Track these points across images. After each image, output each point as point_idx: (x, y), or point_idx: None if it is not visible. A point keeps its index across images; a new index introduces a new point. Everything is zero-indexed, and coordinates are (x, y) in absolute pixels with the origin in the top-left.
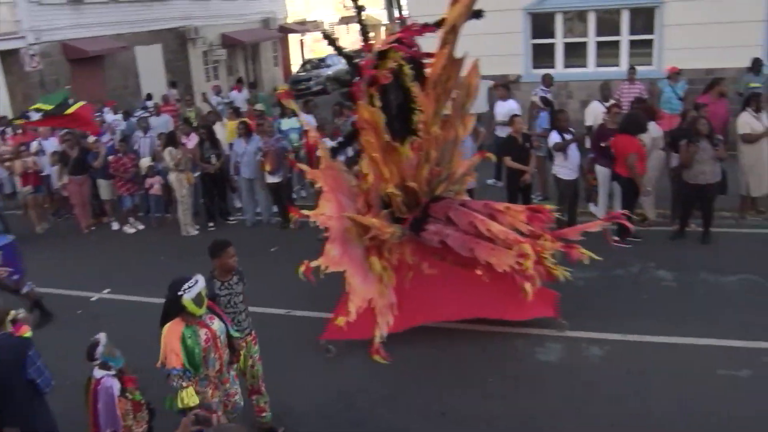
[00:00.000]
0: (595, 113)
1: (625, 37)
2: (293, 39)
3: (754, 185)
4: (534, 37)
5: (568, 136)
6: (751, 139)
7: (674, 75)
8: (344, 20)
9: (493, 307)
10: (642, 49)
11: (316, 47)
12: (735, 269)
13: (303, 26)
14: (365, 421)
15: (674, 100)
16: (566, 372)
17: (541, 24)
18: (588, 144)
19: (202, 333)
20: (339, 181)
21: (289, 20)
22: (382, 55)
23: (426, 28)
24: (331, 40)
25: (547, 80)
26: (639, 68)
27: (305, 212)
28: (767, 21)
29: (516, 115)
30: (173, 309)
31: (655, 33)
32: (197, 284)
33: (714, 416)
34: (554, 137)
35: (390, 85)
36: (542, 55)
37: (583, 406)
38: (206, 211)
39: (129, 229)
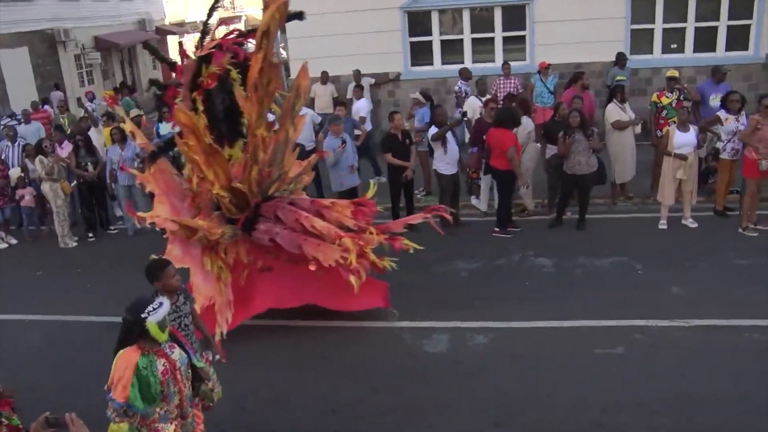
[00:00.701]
0: (472, 108)
1: (498, 34)
2: (172, 41)
3: (620, 172)
4: (411, 35)
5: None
6: (621, 125)
7: (545, 70)
8: (223, 21)
9: (325, 299)
10: (515, 45)
11: None
12: (608, 253)
13: (182, 28)
14: (258, 423)
15: (546, 94)
16: (453, 362)
17: (418, 22)
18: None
19: (160, 363)
20: (170, 183)
21: (167, 21)
22: (206, 60)
23: (246, 35)
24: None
25: (465, 74)
26: (513, 64)
27: (140, 214)
28: (628, 18)
29: (395, 112)
30: (133, 333)
31: (527, 29)
32: (162, 307)
33: (593, 393)
34: (433, 131)
35: (216, 89)
36: (420, 53)
37: (471, 395)
38: (85, 221)
39: (0, 245)
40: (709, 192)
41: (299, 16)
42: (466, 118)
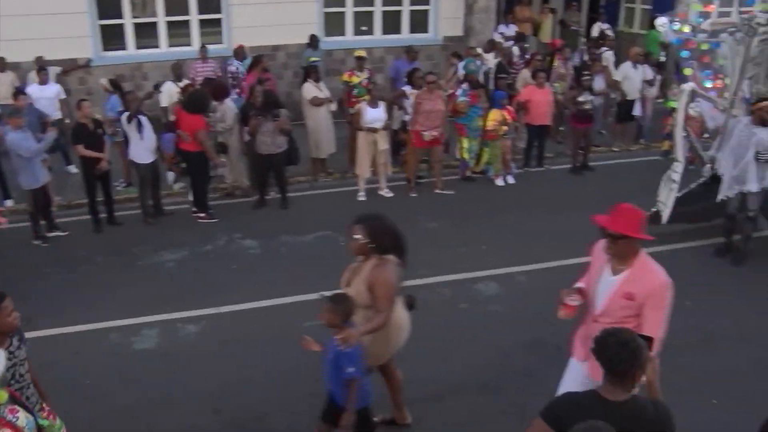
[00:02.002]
0: (169, 93)
1: (194, 17)
2: None
3: (318, 148)
4: (101, 18)
5: (143, 118)
6: (318, 102)
7: (242, 52)
8: None
9: None
10: (212, 28)
11: None
12: (312, 228)
13: None
14: None
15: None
16: (164, 356)
17: (108, 4)
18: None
19: None
20: None
21: None
22: None
23: None
24: None
25: (241, 53)
26: (210, 47)
27: None
28: (320, 1)
29: (83, 100)
30: None
31: (222, 12)
32: None
33: (306, 365)
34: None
35: None
36: (112, 37)
37: (186, 387)
38: None
39: None
40: (402, 162)
41: None
42: (159, 91)
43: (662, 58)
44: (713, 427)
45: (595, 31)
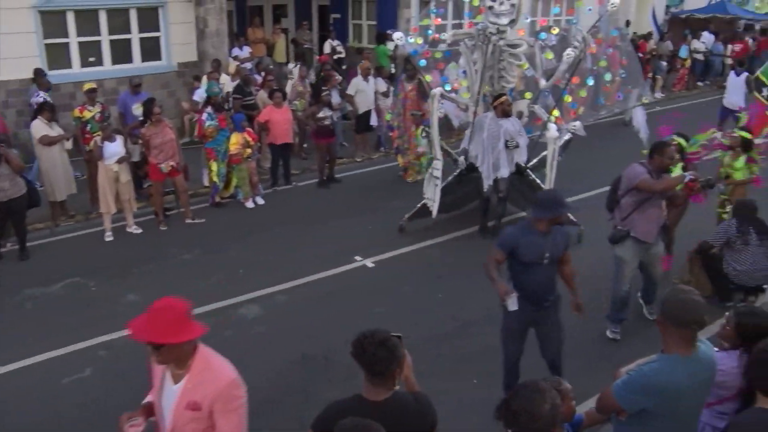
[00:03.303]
0: None
1: None
2: None
3: (55, 190)
4: None
5: None
6: (49, 140)
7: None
8: None
9: None
10: None
11: None
12: (58, 277)
13: None
14: None
15: None
16: None
17: None
18: None
19: None
20: None
21: None
22: None
23: None
24: None
25: (44, 84)
26: None
27: None
28: (39, 32)
29: None
30: None
31: None
32: None
33: (76, 422)
34: None
35: None
36: None
37: None
38: None
39: None
40: (147, 196)
41: None
42: None
43: (393, 70)
44: (477, 403)
45: (327, 48)
